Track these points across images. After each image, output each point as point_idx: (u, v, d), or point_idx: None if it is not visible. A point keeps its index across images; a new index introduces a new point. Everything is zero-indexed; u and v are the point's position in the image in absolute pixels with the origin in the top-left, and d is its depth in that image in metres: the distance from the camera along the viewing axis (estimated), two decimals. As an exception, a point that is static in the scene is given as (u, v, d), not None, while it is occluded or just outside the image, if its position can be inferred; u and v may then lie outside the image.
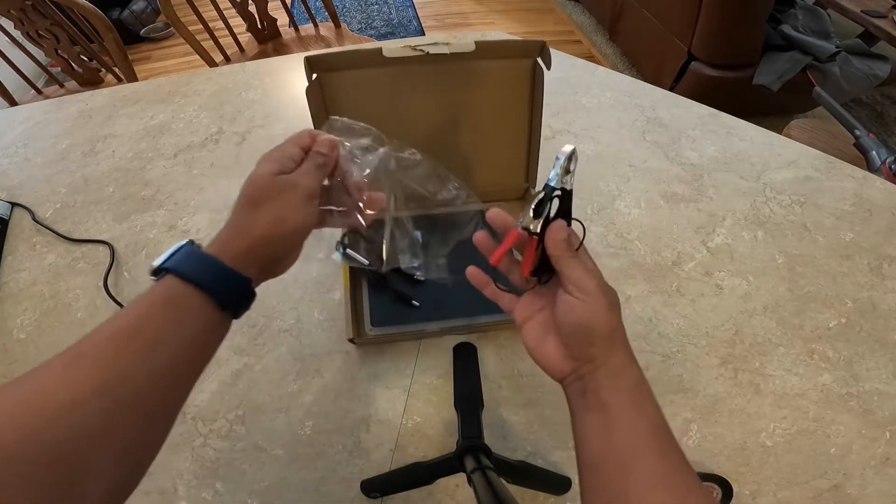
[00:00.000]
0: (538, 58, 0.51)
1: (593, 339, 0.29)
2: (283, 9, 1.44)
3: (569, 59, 0.91)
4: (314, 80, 0.49)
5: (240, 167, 0.73)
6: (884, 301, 0.57)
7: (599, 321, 0.29)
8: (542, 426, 0.49)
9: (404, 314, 0.54)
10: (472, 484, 0.34)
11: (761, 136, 0.76)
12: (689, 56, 1.81)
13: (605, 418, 0.28)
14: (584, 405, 0.29)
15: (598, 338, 0.29)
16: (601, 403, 0.28)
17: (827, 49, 1.63)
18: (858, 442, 0.47)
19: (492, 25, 2.73)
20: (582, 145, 0.75)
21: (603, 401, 0.28)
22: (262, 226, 0.31)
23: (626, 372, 0.29)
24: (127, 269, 0.62)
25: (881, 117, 2.07)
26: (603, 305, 0.29)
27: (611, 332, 0.29)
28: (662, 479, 0.26)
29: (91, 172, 0.74)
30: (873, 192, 0.68)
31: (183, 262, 0.28)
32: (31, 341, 0.56)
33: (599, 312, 0.29)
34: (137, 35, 2.59)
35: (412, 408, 0.50)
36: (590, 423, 0.29)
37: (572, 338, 0.30)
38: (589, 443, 0.29)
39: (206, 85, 0.88)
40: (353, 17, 2.74)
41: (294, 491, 0.46)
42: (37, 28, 1.25)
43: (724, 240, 0.63)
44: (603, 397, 0.28)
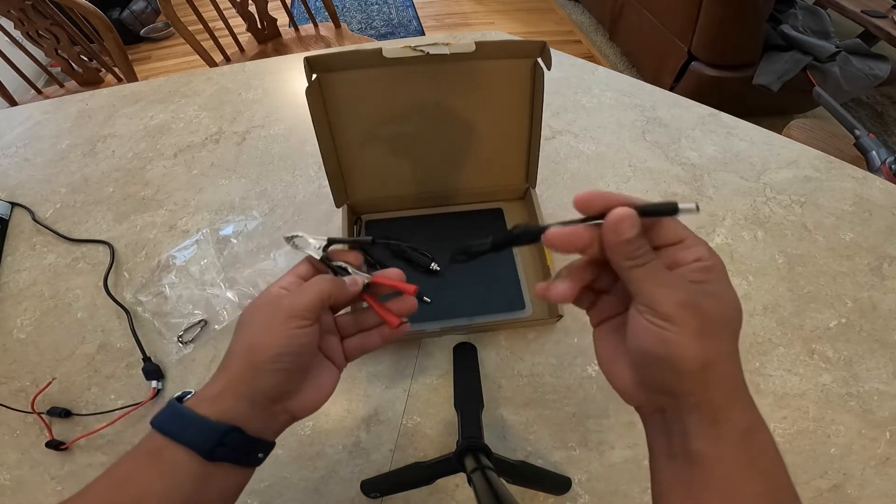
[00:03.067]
0: (538, 58, 0.51)
1: (674, 375, 0.22)
2: (283, 9, 1.44)
3: (569, 59, 0.91)
4: (314, 81, 0.49)
5: (240, 167, 0.73)
6: (884, 301, 0.57)
7: (682, 353, 0.21)
8: (542, 426, 0.49)
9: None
10: (472, 484, 0.34)
11: (761, 136, 0.76)
12: (689, 56, 1.81)
13: (697, 475, 0.22)
14: (668, 450, 0.23)
15: (681, 373, 0.22)
16: (691, 454, 0.22)
17: (827, 49, 1.63)
18: (858, 442, 0.47)
19: (492, 25, 2.73)
20: (582, 145, 0.75)
21: (694, 451, 0.22)
22: (236, 358, 0.28)
23: (732, 417, 0.22)
24: (127, 269, 0.62)
25: (881, 117, 2.07)
26: (689, 331, 0.21)
27: (702, 368, 0.21)
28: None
29: (91, 172, 0.74)
30: (873, 192, 0.68)
31: (163, 417, 0.27)
32: (31, 341, 0.56)
33: (682, 342, 0.21)
34: (137, 35, 2.59)
35: (412, 408, 0.50)
36: (673, 474, 0.23)
37: (644, 367, 0.24)
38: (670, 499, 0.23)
39: (206, 85, 0.88)
40: (353, 17, 2.74)
41: (294, 491, 0.46)
42: (37, 28, 1.25)
43: (724, 240, 0.63)
44: (695, 447, 0.22)
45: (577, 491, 0.45)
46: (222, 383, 0.28)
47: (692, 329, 0.21)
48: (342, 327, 0.35)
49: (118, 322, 0.57)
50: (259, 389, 0.28)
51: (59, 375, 0.53)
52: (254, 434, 0.28)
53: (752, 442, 0.22)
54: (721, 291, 0.23)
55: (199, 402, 0.27)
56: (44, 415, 0.50)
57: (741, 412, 0.22)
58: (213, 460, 0.26)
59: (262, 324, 0.29)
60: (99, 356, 0.55)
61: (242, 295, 0.58)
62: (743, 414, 0.22)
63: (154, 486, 0.25)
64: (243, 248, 0.63)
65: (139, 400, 0.51)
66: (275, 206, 0.68)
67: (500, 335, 0.55)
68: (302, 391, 0.30)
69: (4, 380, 0.54)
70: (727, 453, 0.22)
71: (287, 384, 0.29)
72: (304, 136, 0.77)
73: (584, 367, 0.52)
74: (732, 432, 0.22)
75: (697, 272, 0.23)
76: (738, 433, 0.22)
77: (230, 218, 0.67)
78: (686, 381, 0.22)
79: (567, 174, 0.71)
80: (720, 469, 0.22)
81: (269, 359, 0.28)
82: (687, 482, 0.23)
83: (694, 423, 0.22)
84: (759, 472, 0.22)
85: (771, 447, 0.23)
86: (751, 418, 0.22)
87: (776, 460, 0.22)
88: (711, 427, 0.22)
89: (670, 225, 0.24)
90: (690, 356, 0.21)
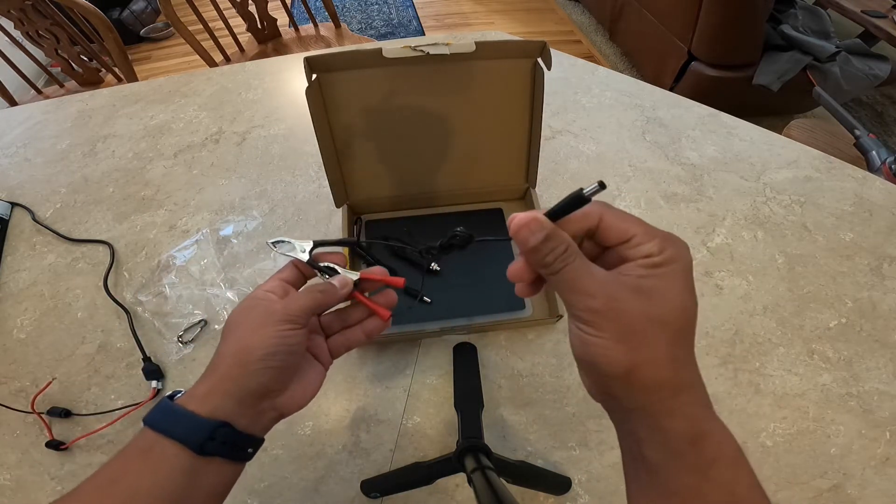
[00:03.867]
0: (538, 58, 0.51)
1: (604, 378, 0.22)
2: (283, 9, 1.44)
3: (569, 59, 0.90)
4: (314, 81, 0.49)
5: (240, 167, 0.73)
6: (884, 301, 0.57)
7: (603, 356, 0.21)
8: (542, 426, 0.49)
9: (404, 314, 0.54)
10: (472, 484, 0.34)
11: (761, 136, 0.76)
12: (689, 56, 1.81)
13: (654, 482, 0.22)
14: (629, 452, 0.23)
15: (608, 377, 0.21)
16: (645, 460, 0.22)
17: (827, 49, 1.63)
18: (858, 442, 0.47)
19: (492, 25, 2.73)
20: (582, 145, 0.75)
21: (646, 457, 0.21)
22: (225, 358, 0.29)
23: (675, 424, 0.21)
24: (127, 269, 0.62)
25: (881, 117, 2.07)
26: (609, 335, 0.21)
27: (627, 372, 0.21)
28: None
29: (91, 172, 0.74)
30: (873, 192, 0.68)
31: (154, 413, 0.28)
32: (31, 341, 0.56)
33: (602, 345, 0.21)
34: (137, 35, 2.59)
35: (412, 408, 0.50)
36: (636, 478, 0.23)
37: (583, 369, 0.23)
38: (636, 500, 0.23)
39: (206, 85, 0.88)
40: (353, 17, 2.74)
41: (294, 491, 0.46)
42: (37, 28, 1.25)
43: (724, 240, 0.63)
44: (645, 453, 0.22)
45: (577, 491, 0.45)
46: (211, 382, 0.28)
47: (612, 333, 0.21)
48: (326, 326, 0.35)
49: (118, 322, 0.57)
50: (247, 387, 0.28)
51: (59, 375, 0.53)
52: (242, 430, 0.28)
53: (702, 451, 0.21)
54: (664, 290, 0.21)
55: (189, 400, 0.28)
56: (44, 415, 0.50)
57: (684, 419, 0.21)
58: (203, 455, 0.27)
59: (253, 326, 0.29)
60: (99, 356, 0.55)
61: (242, 295, 0.58)
62: (687, 421, 0.21)
63: (145, 481, 0.26)
64: (243, 248, 0.63)
65: (139, 400, 0.51)
66: (275, 206, 0.68)
67: (500, 335, 0.55)
68: (289, 389, 0.31)
69: (4, 380, 0.54)
70: (675, 463, 0.21)
71: (275, 383, 0.29)
72: (304, 136, 0.77)
73: (584, 367, 0.52)
74: (677, 440, 0.21)
75: (640, 268, 0.21)
76: (684, 441, 0.21)
77: (230, 218, 0.67)
78: (616, 385, 0.21)
79: (567, 174, 0.71)
80: (672, 479, 0.21)
81: (259, 357, 0.28)
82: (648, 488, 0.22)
83: (638, 427, 0.22)
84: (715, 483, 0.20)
85: (728, 457, 0.21)
86: (698, 426, 0.21)
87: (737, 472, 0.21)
88: (655, 433, 0.21)
89: (613, 224, 0.23)
90: (611, 359, 0.21)
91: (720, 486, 0.20)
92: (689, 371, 0.22)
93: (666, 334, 0.21)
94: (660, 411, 0.21)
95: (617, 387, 0.21)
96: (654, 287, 0.21)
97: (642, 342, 0.21)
